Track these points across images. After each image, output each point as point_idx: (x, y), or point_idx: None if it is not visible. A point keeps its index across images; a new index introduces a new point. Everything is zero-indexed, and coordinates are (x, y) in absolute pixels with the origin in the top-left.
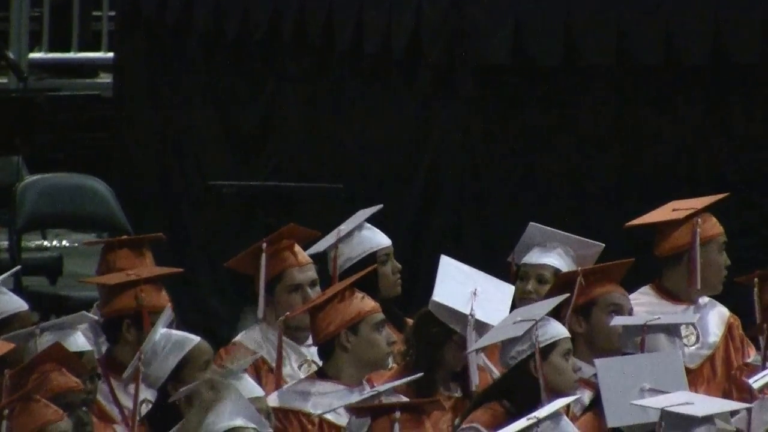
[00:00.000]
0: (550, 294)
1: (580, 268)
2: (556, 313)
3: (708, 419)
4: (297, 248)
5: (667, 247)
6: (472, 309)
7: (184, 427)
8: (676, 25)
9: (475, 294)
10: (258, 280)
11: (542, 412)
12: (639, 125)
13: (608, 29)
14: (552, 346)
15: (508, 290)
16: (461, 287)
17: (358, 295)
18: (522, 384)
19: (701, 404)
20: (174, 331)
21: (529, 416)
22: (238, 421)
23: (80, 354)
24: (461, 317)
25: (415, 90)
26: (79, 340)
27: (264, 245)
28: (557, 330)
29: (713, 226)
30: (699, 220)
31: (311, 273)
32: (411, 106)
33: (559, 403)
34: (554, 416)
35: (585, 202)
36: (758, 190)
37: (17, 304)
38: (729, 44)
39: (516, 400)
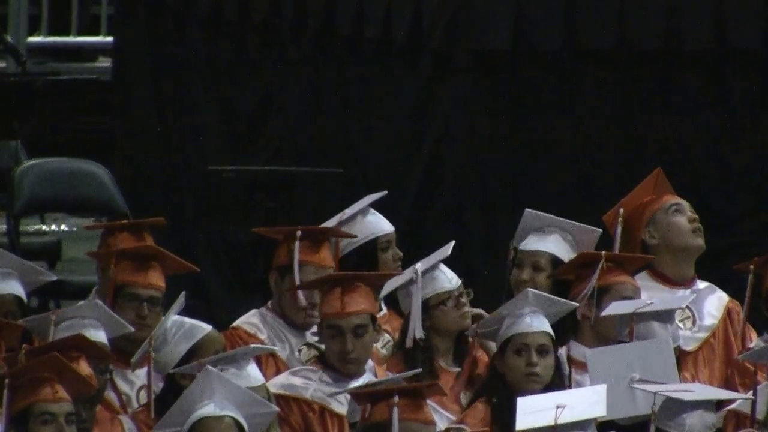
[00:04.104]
0: (571, 274)
1: (603, 252)
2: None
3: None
4: (325, 248)
5: (638, 238)
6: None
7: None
8: (678, 10)
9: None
10: (293, 265)
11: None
12: (640, 109)
13: (609, 13)
14: (505, 343)
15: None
16: None
17: (335, 294)
18: (493, 379)
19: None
20: (186, 319)
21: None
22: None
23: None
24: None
25: (415, 74)
26: (95, 331)
27: (298, 233)
28: (516, 327)
29: (654, 200)
30: (621, 208)
31: None
32: (412, 91)
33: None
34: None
35: (587, 185)
36: (758, 174)
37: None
38: (731, 28)
39: (492, 393)
